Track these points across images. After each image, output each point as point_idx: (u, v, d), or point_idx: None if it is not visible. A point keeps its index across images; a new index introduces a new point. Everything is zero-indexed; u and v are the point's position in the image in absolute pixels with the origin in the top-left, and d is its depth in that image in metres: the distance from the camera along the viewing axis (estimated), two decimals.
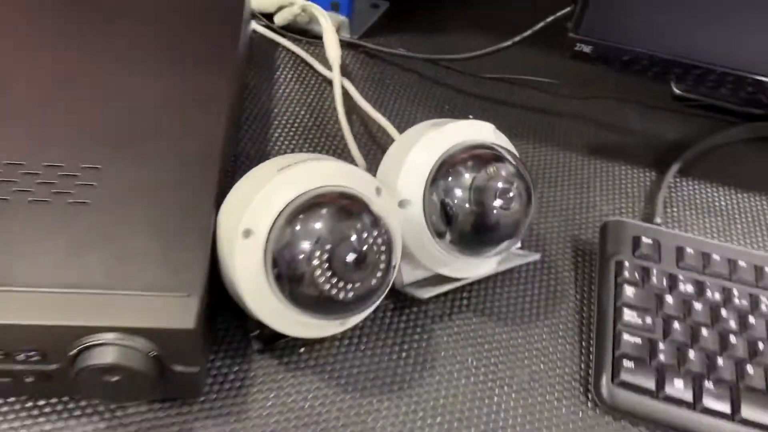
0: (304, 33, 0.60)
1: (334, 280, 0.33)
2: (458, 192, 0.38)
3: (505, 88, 0.60)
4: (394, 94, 0.57)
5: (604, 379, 0.39)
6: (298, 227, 0.33)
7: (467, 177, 0.38)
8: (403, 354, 0.40)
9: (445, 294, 0.43)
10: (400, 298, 0.42)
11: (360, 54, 0.61)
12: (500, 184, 0.38)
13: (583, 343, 0.42)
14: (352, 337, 0.40)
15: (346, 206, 0.34)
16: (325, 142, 0.51)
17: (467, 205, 0.38)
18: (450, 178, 0.38)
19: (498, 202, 0.37)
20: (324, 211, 0.33)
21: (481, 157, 0.39)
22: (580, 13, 0.45)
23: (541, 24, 0.50)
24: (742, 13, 0.44)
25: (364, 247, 0.33)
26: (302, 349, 0.39)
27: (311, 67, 0.57)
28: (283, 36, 0.59)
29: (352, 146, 0.48)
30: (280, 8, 0.59)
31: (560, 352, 0.41)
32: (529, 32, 0.51)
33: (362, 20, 0.63)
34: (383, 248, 0.34)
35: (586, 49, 0.46)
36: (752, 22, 0.44)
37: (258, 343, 0.38)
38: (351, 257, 0.33)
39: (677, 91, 0.60)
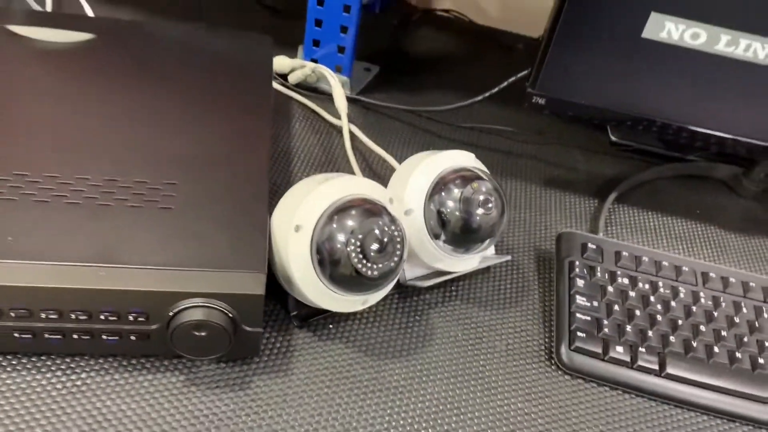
0: (313, 90, 0.73)
1: (364, 261, 0.44)
2: (450, 203, 0.50)
3: (475, 134, 0.74)
4: (387, 139, 0.70)
5: (563, 347, 0.50)
6: (336, 223, 0.45)
7: (456, 192, 0.50)
8: (408, 330, 0.51)
9: (439, 286, 0.54)
10: (404, 291, 0.53)
11: (358, 107, 0.74)
12: (481, 197, 0.50)
13: (545, 323, 0.54)
14: (368, 317, 0.51)
15: (371, 208, 0.46)
16: (332, 172, 0.63)
17: (457, 213, 0.50)
18: (443, 193, 0.50)
19: (480, 210, 0.50)
20: (355, 211, 0.45)
21: (466, 176, 0.51)
22: (536, 73, 0.59)
23: (505, 83, 0.64)
24: (664, 75, 0.58)
25: (386, 238, 0.45)
26: (331, 326, 0.50)
27: (320, 116, 0.70)
28: (296, 92, 0.72)
29: (357, 174, 0.60)
30: (293, 70, 0.72)
31: (529, 329, 0.53)
32: (495, 90, 0.65)
33: (358, 80, 0.76)
34: (399, 240, 0.46)
35: (541, 101, 0.60)
36: (674, 79, 0.58)
37: (297, 320, 0.49)
38: (376, 245, 0.44)
39: (613, 138, 0.75)
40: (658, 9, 0.54)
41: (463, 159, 0.53)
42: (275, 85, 0.72)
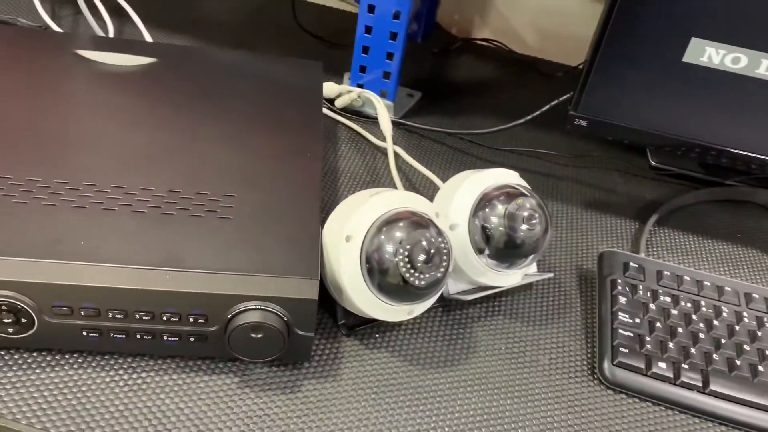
0: (358, 114, 0.76)
1: (412, 271, 0.46)
2: (494, 219, 0.52)
3: (515, 157, 0.75)
4: (429, 160, 0.72)
5: (606, 362, 0.51)
6: (385, 234, 0.46)
7: (500, 207, 0.52)
8: (452, 342, 0.52)
9: (481, 301, 0.56)
10: (447, 304, 0.55)
11: (401, 130, 0.76)
12: (525, 213, 0.51)
13: (588, 339, 0.54)
14: (413, 328, 0.52)
15: (418, 221, 0.47)
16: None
17: (501, 228, 0.51)
18: (488, 209, 0.52)
19: (524, 226, 0.51)
20: (403, 223, 0.47)
21: (510, 193, 0.53)
22: (578, 96, 0.61)
23: (546, 107, 0.66)
24: (705, 98, 0.60)
25: (433, 249, 0.46)
26: (377, 335, 0.51)
27: (366, 139, 0.73)
28: (342, 116, 0.75)
29: None
30: (339, 95, 0.75)
31: (571, 344, 0.54)
32: (537, 113, 0.67)
33: (401, 106, 0.79)
34: (445, 251, 0.47)
35: (583, 123, 0.61)
36: (714, 104, 0.60)
37: (345, 329, 0.51)
38: (423, 255, 0.46)
39: (653, 162, 0.76)
40: (699, 34, 0.56)
41: (507, 177, 0.55)
42: (323, 109, 0.75)
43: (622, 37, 0.57)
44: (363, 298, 0.47)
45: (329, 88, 0.75)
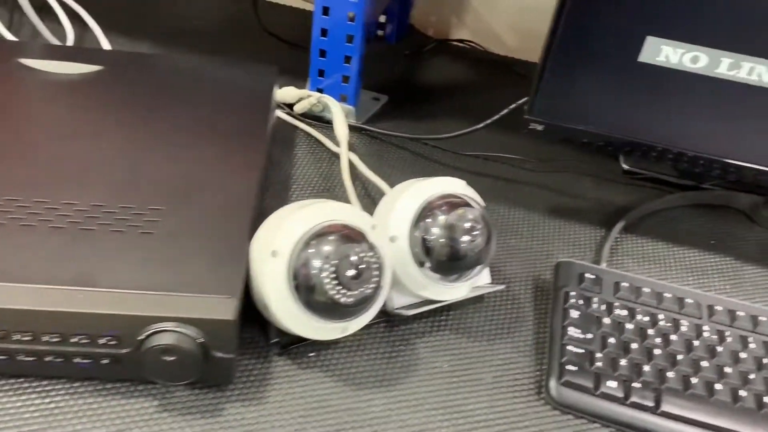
0: (319, 119, 0.74)
1: (339, 288, 0.44)
2: (435, 230, 0.49)
3: (480, 163, 0.73)
4: (390, 167, 0.70)
5: (553, 381, 0.48)
6: (312, 249, 0.44)
7: (441, 218, 0.49)
8: (392, 360, 0.49)
9: (427, 315, 0.53)
10: (391, 320, 0.52)
11: (363, 136, 0.74)
12: (466, 224, 0.49)
13: (537, 355, 0.52)
14: (352, 345, 0.50)
15: (348, 234, 0.45)
16: (333, 199, 0.63)
17: (441, 240, 0.49)
18: (428, 219, 0.50)
19: (465, 238, 0.49)
20: (332, 237, 0.45)
21: (452, 203, 0.50)
22: (532, 98, 0.58)
23: (506, 110, 0.63)
24: (664, 99, 0.57)
25: (361, 265, 0.44)
26: (312, 354, 0.49)
27: (323, 144, 0.70)
28: (302, 121, 0.73)
29: (353, 201, 0.60)
30: (300, 99, 0.73)
31: (520, 361, 0.51)
32: (496, 117, 0.64)
33: (366, 110, 0.77)
34: (376, 266, 0.45)
35: (539, 127, 0.58)
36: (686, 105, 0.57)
37: (278, 347, 0.49)
38: (351, 271, 0.44)
39: (625, 166, 0.73)
40: (654, 33, 0.53)
41: (452, 186, 0.52)
42: (281, 114, 0.73)
43: (573, 37, 0.54)
44: (291, 316, 0.45)
45: (289, 93, 0.73)
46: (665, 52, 0.53)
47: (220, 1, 0.97)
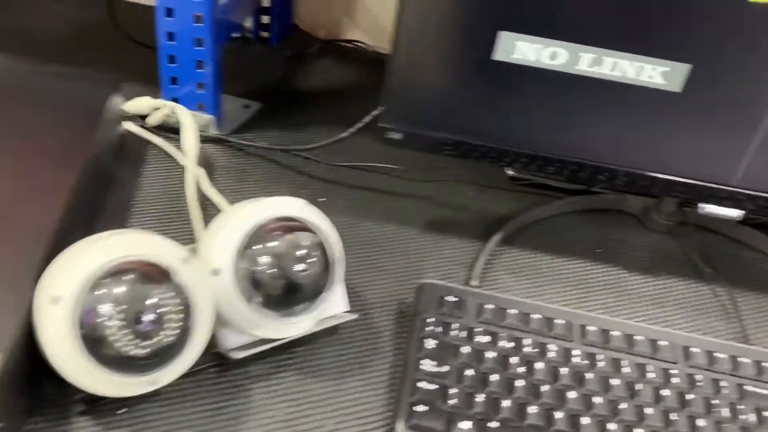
0: (177, 131, 0.67)
1: (130, 338, 0.37)
2: (263, 259, 0.43)
3: (356, 174, 0.67)
4: (254, 183, 0.63)
5: (400, 424, 0.43)
6: (99, 292, 0.38)
7: (270, 245, 0.43)
8: (219, 412, 0.43)
9: (270, 354, 0.47)
10: (224, 362, 0.46)
11: (226, 148, 0.67)
12: (299, 251, 0.43)
13: (391, 393, 0.46)
14: (172, 397, 0.43)
15: (145, 273, 0.39)
16: (177, 222, 0.56)
17: (271, 271, 0.43)
18: (256, 247, 0.43)
19: (298, 267, 0.43)
20: (124, 277, 0.38)
21: (287, 227, 0.44)
22: (386, 104, 0.52)
23: (368, 118, 0.57)
24: (526, 100, 0.52)
25: (158, 309, 0.38)
26: (123, 410, 0.42)
27: (176, 160, 0.64)
28: (155, 134, 0.66)
29: (197, 225, 0.54)
30: (155, 110, 0.66)
31: (369, 401, 0.45)
32: (360, 124, 0.59)
33: (233, 119, 0.70)
34: (178, 310, 0.38)
35: (397, 136, 0.53)
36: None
37: (81, 405, 0.42)
38: (144, 317, 0.37)
39: (511, 172, 0.68)
40: (506, 27, 0.47)
41: (288, 207, 0.46)
42: (132, 127, 0.66)
43: (418, 34, 0.49)
44: (80, 372, 0.38)
45: (141, 104, 0.66)
46: (521, 49, 0.48)
47: (72, 6, 0.88)
